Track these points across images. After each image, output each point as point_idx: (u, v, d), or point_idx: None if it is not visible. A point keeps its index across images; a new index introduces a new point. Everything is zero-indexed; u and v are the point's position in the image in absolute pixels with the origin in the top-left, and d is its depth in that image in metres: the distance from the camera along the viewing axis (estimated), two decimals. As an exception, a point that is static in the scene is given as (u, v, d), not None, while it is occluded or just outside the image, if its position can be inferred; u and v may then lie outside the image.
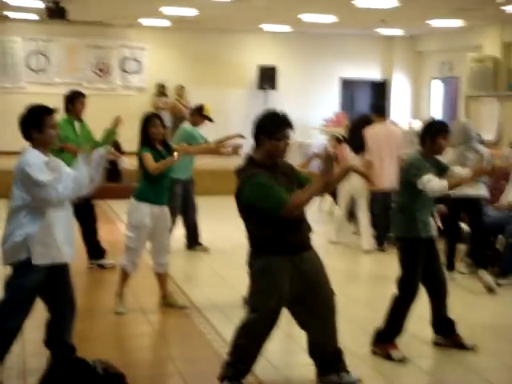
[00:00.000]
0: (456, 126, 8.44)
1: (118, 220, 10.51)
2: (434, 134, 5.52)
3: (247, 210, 4.71)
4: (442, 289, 5.63)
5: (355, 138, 9.30)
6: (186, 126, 8.97)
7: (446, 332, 5.67)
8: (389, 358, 5.33)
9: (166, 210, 6.61)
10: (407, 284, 5.47)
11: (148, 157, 6.26)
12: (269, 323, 4.62)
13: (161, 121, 6.58)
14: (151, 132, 6.45)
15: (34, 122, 4.73)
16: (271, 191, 4.54)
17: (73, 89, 8.38)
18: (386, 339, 5.45)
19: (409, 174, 5.45)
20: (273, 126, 4.64)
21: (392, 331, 5.45)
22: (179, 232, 8.89)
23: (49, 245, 4.69)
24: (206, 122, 8.96)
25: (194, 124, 8.89)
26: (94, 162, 4.80)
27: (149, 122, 6.49)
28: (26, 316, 4.88)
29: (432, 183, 5.24)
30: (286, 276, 4.58)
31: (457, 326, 5.63)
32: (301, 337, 4.93)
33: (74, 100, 7.85)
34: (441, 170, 5.59)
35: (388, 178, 8.77)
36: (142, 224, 6.40)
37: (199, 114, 8.95)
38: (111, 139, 7.42)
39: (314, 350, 4.90)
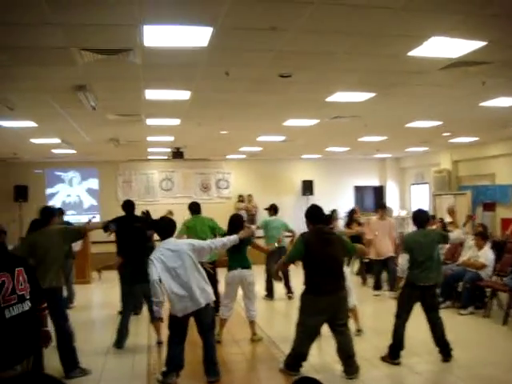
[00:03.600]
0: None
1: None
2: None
3: None
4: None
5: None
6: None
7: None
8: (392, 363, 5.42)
9: (243, 272, 6.29)
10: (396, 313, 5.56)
11: None
12: None
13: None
14: None
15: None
16: (292, 250, 5.07)
17: (192, 201, 8.72)
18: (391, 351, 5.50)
19: None
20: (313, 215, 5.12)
21: (395, 346, 5.50)
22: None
23: None
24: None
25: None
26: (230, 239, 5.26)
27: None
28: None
29: None
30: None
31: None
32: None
33: (189, 208, 8.37)
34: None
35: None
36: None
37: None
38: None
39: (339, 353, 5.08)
